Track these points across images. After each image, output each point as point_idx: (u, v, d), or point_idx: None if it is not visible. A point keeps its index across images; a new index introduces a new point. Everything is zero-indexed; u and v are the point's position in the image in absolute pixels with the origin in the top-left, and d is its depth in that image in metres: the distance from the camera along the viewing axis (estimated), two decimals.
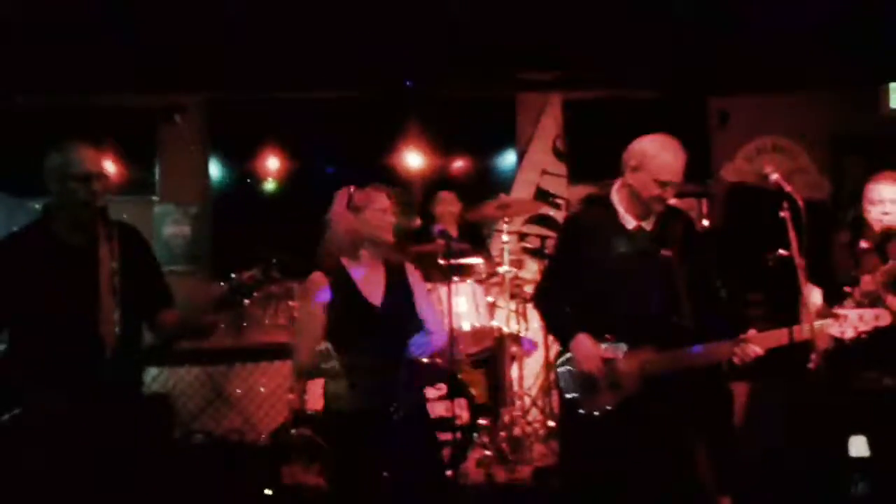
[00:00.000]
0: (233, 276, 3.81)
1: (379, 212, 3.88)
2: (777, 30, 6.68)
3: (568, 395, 4.10)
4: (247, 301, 3.83)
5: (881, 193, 4.61)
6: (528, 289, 6.44)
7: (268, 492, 5.50)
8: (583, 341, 4.01)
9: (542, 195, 7.86)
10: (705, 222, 7.73)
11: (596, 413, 3.99)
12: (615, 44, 6.91)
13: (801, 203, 3.83)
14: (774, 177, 3.90)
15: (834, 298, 4.37)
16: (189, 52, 6.72)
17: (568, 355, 4.08)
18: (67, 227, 3.83)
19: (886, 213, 4.59)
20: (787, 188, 3.86)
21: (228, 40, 6.59)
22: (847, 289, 4.34)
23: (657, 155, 3.97)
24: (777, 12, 6.52)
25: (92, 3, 6.07)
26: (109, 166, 7.19)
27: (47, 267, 3.75)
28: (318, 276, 3.86)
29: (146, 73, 7.11)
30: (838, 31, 6.73)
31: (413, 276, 4.12)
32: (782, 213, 3.82)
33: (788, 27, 6.62)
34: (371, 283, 3.88)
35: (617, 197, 4.12)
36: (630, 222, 4.08)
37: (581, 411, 4.03)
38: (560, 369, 4.11)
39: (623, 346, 4.01)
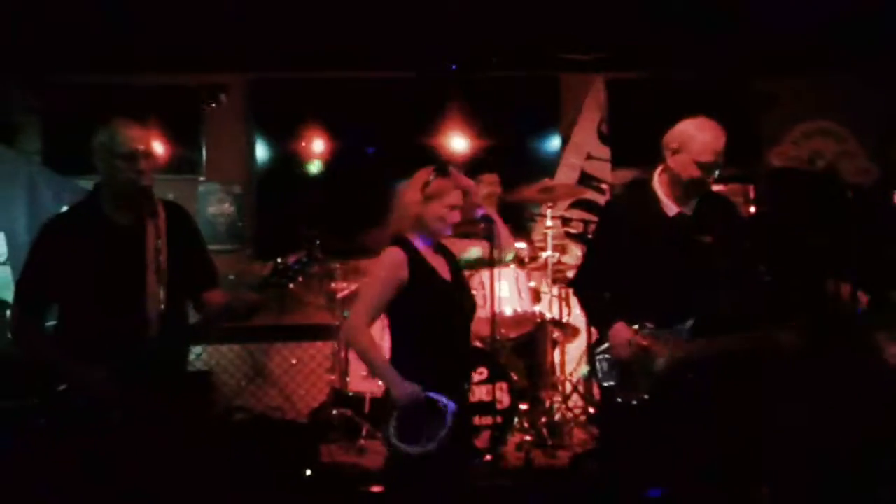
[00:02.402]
0: (279, 260, 3.82)
1: (447, 207, 3.78)
2: (823, 12, 6.55)
3: (605, 384, 4.09)
4: (291, 285, 3.83)
5: None
6: (571, 274, 6.41)
7: (307, 472, 5.54)
8: (620, 330, 3.99)
9: (587, 179, 7.80)
10: (752, 208, 7.62)
11: (633, 402, 3.97)
12: (658, 25, 6.81)
13: (849, 190, 3.76)
14: (821, 164, 3.83)
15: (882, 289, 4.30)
16: (233, 30, 6.73)
17: (606, 344, 4.06)
18: (115, 206, 3.87)
19: None
20: (836, 175, 3.80)
21: (272, 19, 6.59)
22: None
23: (696, 136, 3.94)
24: None
25: None
26: (156, 145, 7.25)
27: (95, 245, 3.79)
28: (398, 253, 3.74)
29: (191, 52, 7.15)
30: (886, 13, 6.58)
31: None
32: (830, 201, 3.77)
33: (834, 10, 6.50)
34: (436, 260, 3.84)
35: (658, 182, 4.08)
36: (671, 209, 4.04)
37: (618, 399, 4.01)
38: (598, 357, 4.09)
39: (661, 333, 3.99)
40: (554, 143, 7.98)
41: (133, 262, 3.80)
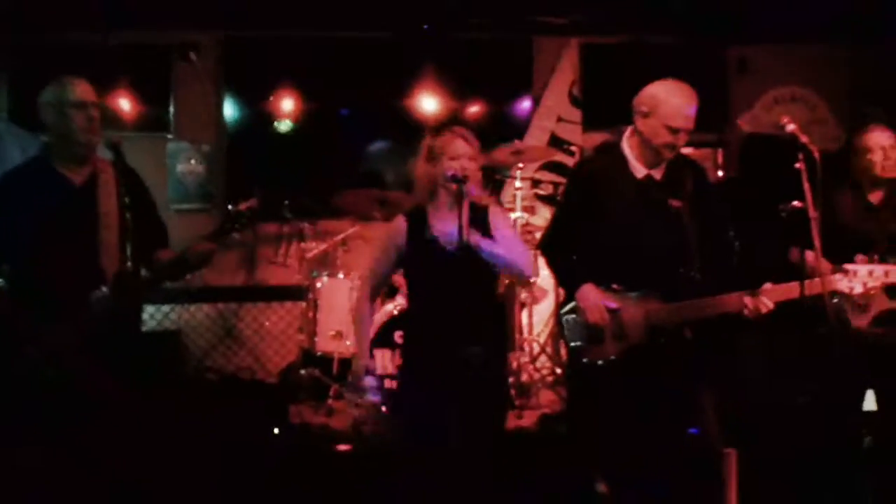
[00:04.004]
0: (229, 206, 3.84)
1: (451, 159, 3.83)
2: None
3: (572, 344, 4.11)
4: (241, 232, 3.86)
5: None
6: (539, 235, 6.41)
7: (275, 431, 5.56)
8: (588, 291, 4.00)
9: (557, 142, 7.80)
10: (720, 173, 7.67)
11: (600, 362, 4.00)
12: None
13: (816, 155, 3.78)
14: (790, 128, 3.85)
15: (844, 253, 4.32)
16: None
17: (573, 304, 4.08)
18: (67, 162, 3.89)
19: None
20: (803, 139, 3.81)
21: None
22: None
23: (668, 100, 3.93)
24: None
25: None
26: (123, 103, 7.19)
27: (47, 201, 3.81)
28: (400, 221, 3.96)
29: (162, 10, 7.06)
30: None
31: (496, 217, 4.02)
32: (797, 165, 3.78)
33: None
34: (450, 228, 3.82)
35: (627, 145, 4.08)
36: (640, 171, 4.05)
37: (585, 360, 4.04)
38: (565, 317, 4.11)
39: (629, 296, 4.01)
40: (525, 104, 7.95)
41: (87, 218, 3.82)
